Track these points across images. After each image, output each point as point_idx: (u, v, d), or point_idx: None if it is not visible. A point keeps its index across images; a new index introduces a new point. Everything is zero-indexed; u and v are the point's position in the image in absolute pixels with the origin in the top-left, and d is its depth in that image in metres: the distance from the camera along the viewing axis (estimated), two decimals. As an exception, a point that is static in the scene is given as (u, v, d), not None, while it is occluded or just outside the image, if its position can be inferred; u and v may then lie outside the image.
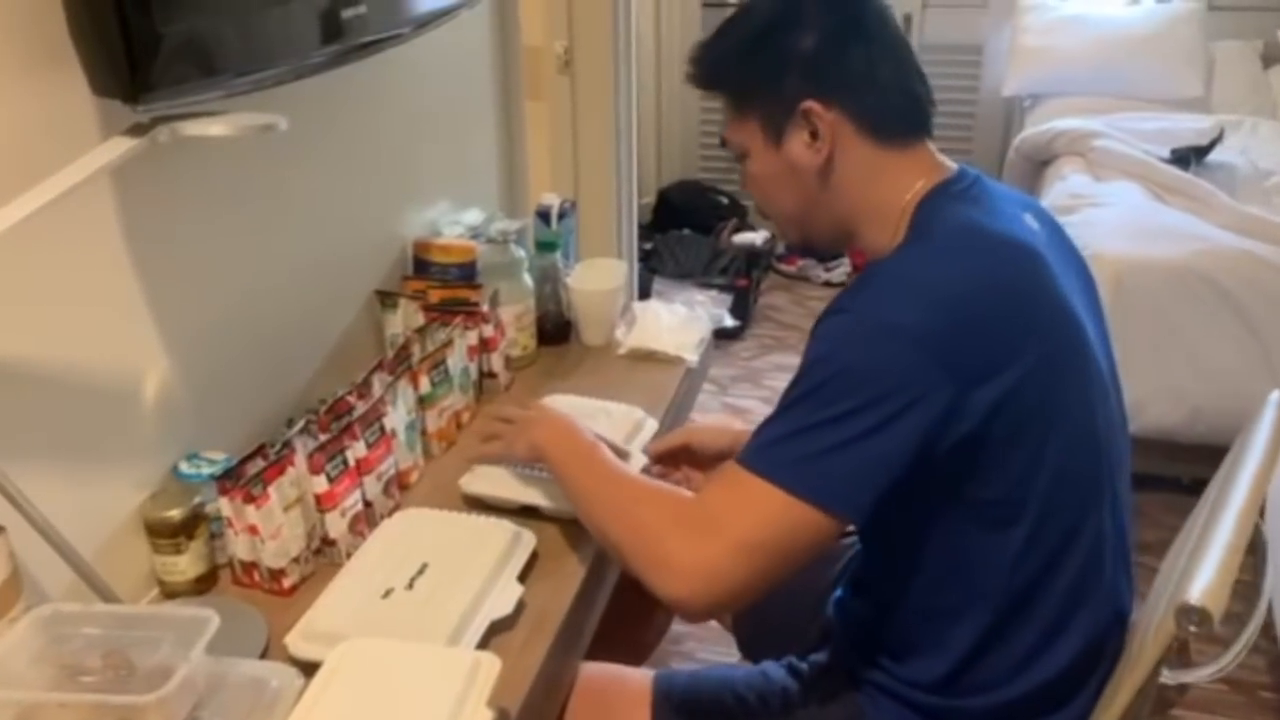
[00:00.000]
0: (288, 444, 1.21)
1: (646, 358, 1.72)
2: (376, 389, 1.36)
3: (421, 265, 1.72)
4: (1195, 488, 1.22)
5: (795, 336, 3.50)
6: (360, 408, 1.32)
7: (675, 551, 1.01)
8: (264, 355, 1.39)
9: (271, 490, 1.16)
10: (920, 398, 0.96)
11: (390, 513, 1.32)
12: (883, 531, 1.10)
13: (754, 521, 0.99)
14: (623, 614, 1.37)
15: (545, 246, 1.76)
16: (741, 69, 1.12)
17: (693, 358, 1.71)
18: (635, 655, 1.56)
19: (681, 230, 3.83)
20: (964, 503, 1.04)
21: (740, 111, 1.14)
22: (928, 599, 1.10)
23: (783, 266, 3.90)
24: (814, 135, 1.08)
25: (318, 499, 1.21)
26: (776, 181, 1.14)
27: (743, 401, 3.13)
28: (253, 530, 1.16)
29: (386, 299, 1.62)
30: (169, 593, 1.19)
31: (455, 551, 1.18)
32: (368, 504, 1.29)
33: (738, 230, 3.84)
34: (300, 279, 1.45)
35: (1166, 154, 2.93)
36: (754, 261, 3.64)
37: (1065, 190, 2.88)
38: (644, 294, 1.80)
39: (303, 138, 1.40)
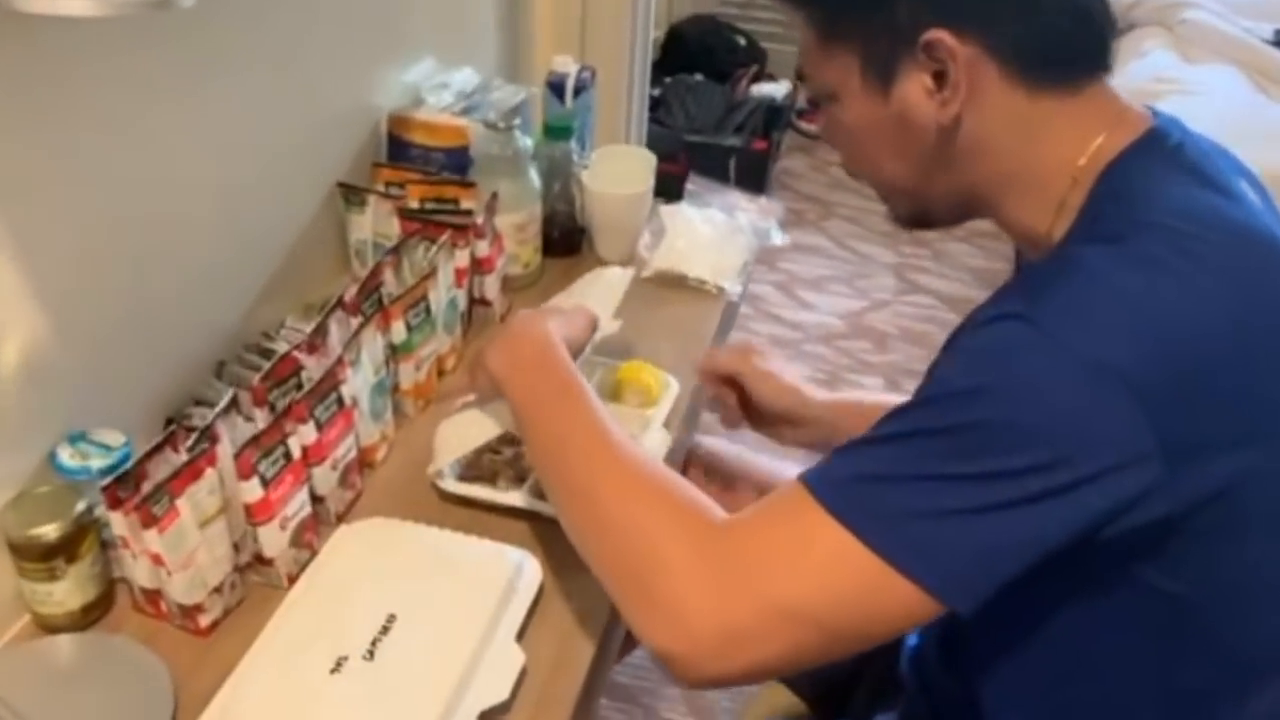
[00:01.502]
0: (208, 431, 0.88)
1: (676, 284, 1.38)
2: (334, 340, 1.03)
3: (398, 148, 1.35)
4: None
5: (815, 210, 3.14)
6: (311, 367, 0.99)
7: (686, 593, 0.70)
8: (182, 281, 1.04)
9: (182, 503, 0.84)
10: (1113, 470, 0.65)
11: (349, 508, 1.01)
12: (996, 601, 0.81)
13: (813, 581, 0.68)
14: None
15: (558, 132, 1.38)
16: None
17: (735, 288, 1.37)
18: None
19: (693, 75, 3.39)
20: (1130, 584, 0.74)
21: (829, 39, 0.79)
22: (1045, 696, 0.82)
23: (804, 124, 3.49)
24: (939, 78, 0.75)
25: (248, 509, 0.89)
26: (878, 137, 0.81)
27: (755, 287, 2.79)
28: (155, 560, 0.84)
29: (351, 194, 1.26)
30: (45, 625, 0.88)
31: (434, 593, 0.87)
32: (319, 500, 0.97)
33: (756, 79, 3.41)
34: (234, 171, 1.08)
35: (1270, 34, 2.52)
36: (773, 119, 3.24)
37: (1147, 70, 2.49)
38: (668, 191, 1.41)
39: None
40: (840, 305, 2.76)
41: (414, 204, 1.26)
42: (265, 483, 0.88)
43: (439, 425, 1.04)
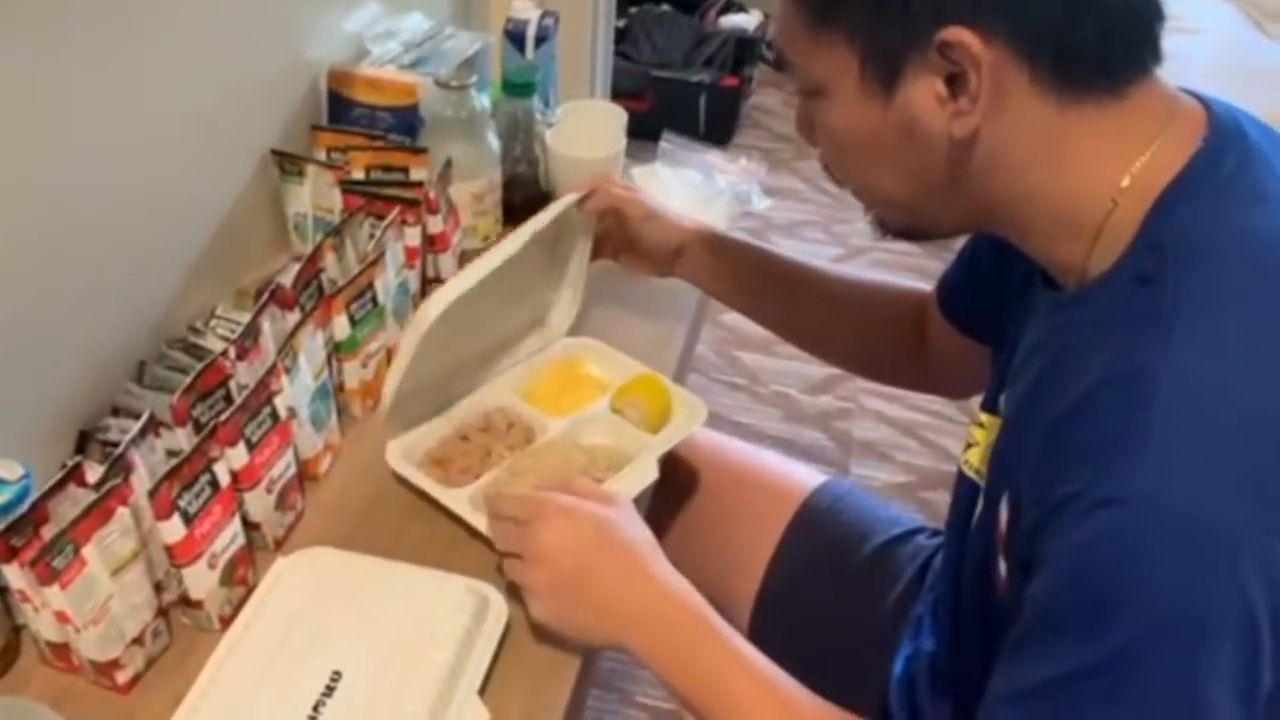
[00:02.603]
0: (120, 461, 0.76)
1: (651, 254, 1.26)
2: (268, 340, 0.90)
3: (340, 108, 1.21)
4: None
5: (789, 150, 3.00)
6: (242, 375, 0.87)
7: None
8: (94, 267, 0.91)
9: (90, 551, 0.72)
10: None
11: (289, 533, 0.90)
12: None
13: None
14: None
15: (518, 88, 1.24)
16: None
17: (714, 259, 1.26)
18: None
19: (659, 5, 3.22)
20: None
21: (822, 24, 0.66)
22: None
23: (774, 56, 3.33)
24: (952, 82, 0.62)
25: (170, 551, 0.77)
26: (873, 147, 0.68)
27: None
28: (60, 617, 0.73)
29: (288, 163, 1.12)
30: (-64, 685, 0.77)
31: (384, 644, 0.77)
32: (253, 526, 0.86)
33: (725, 10, 3.24)
34: (151, 139, 0.95)
35: (1267, -34, 2.41)
36: (744, 52, 3.08)
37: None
38: (634, 131, 1.29)
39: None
40: (817, 251, 2.65)
41: (358, 174, 1.13)
42: (188, 519, 0.77)
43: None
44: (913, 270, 2.53)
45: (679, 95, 2.91)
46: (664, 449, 0.95)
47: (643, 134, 1.49)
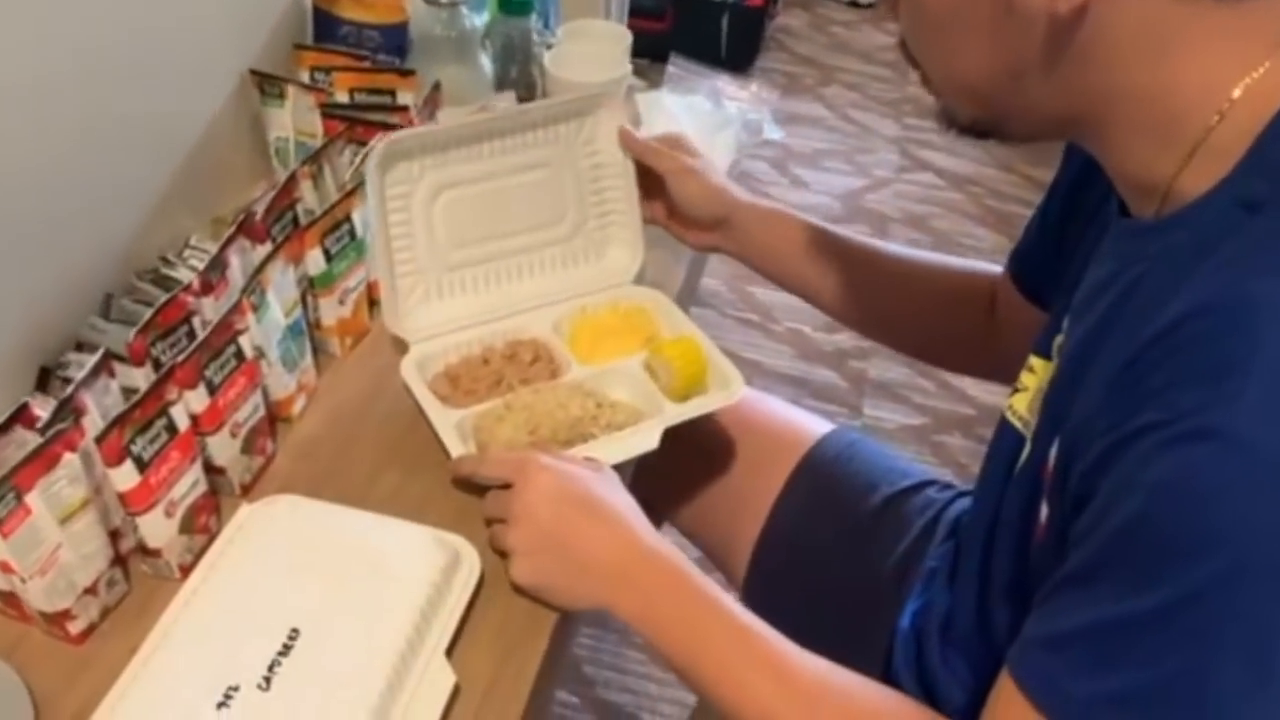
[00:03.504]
0: (69, 403, 0.72)
1: (653, 188, 1.19)
2: (236, 275, 0.86)
3: (325, 25, 1.14)
4: None
5: (813, 75, 2.90)
6: (206, 310, 0.82)
7: None
8: (57, 191, 0.85)
9: (34, 499, 0.68)
10: None
11: (257, 478, 0.86)
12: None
13: None
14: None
15: (515, 6, 1.17)
16: None
17: (720, 193, 1.19)
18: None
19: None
20: None
21: None
22: None
23: (803, -24, 3.20)
24: None
25: (123, 498, 0.73)
26: (963, 17, 0.61)
27: (746, 163, 2.58)
28: (4, 567, 0.69)
29: (268, 84, 1.06)
30: (-117, 631, 0.74)
31: (346, 600, 0.73)
32: (218, 472, 0.82)
33: (753, -75, 3.10)
34: (120, 54, 0.89)
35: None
36: (770, -31, 2.96)
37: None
38: (649, 52, 1.23)
39: None
40: (838, 184, 2.56)
41: (342, 96, 1.07)
42: (142, 466, 0.72)
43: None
44: (937, 204, 2.44)
45: (700, 15, 2.80)
46: (676, 420, 0.88)
47: (661, 56, 1.42)
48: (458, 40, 1.08)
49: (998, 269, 0.96)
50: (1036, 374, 0.76)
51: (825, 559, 1.02)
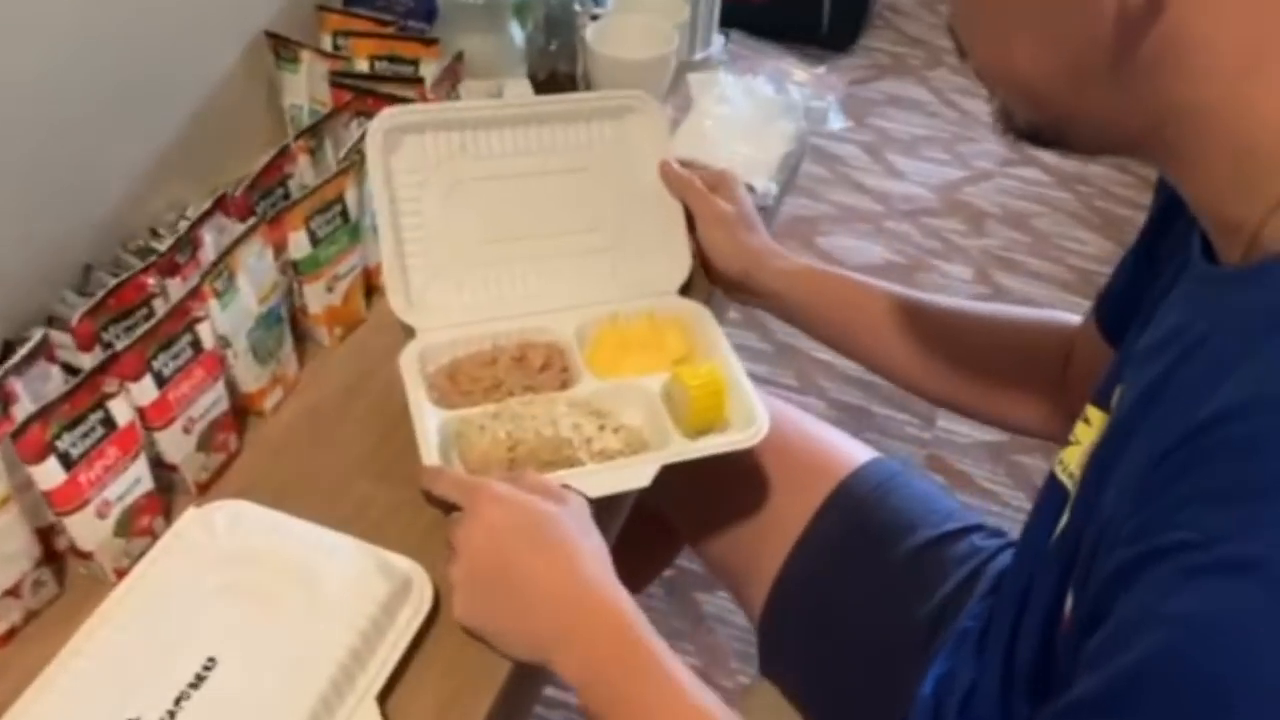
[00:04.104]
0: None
1: (696, 177, 1.09)
2: (208, 256, 0.79)
3: (353, -13, 1.07)
4: None
5: (919, 57, 2.73)
6: (172, 292, 0.76)
7: None
8: (36, 148, 0.80)
9: (-57, 494, 0.63)
10: None
11: (217, 476, 0.80)
12: None
13: None
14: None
15: (556, -28, 1.08)
16: None
17: (769, 186, 1.08)
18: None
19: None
20: None
21: None
22: None
23: (919, -49, 3.02)
24: None
25: (48, 497, 0.68)
26: (1022, 10, 0.51)
27: (838, 147, 2.45)
28: (-92, 565, 0.64)
29: (283, 48, 0.99)
30: None
31: (276, 625, 0.66)
32: (170, 469, 0.76)
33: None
34: (105, 9, 0.83)
35: None
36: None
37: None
38: (737, 21, 1.16)
39: None
40: (934, 174, 2.41)
41: (361, 64, 0.99)
42: (69, 463, 0.67)
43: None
44: (1041, 202, 2.27)
45: (802, -11, 2.66)
46: (675, 459, 0.78)
47: (761, 31, 1.30)
48: (484, 8, 1.00)
49: (1073, 319, 0.84)
50: (1092, 427, 0.65)
51: (849, 604, 0.92)
